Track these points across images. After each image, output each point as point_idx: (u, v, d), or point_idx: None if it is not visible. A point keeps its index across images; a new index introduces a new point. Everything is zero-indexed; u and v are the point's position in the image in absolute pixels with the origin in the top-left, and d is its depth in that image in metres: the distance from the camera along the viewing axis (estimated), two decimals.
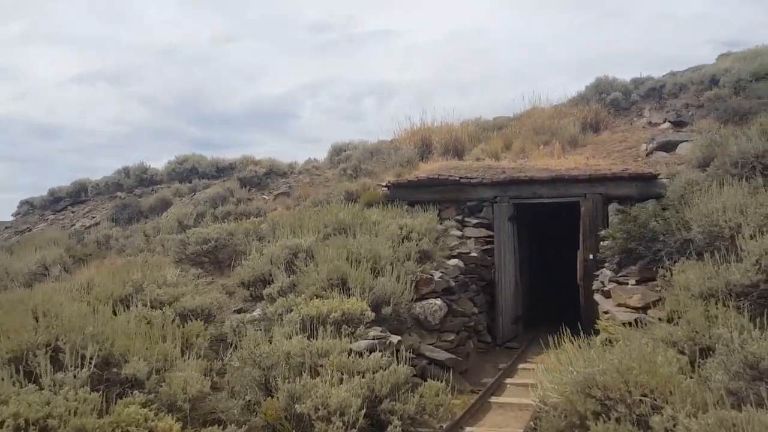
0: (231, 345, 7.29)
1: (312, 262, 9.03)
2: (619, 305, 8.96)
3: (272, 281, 9.03)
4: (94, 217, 19.63)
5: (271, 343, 6.82)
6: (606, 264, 10.36)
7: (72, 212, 21.18)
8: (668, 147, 13.24)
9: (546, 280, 16.12)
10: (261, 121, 45.62)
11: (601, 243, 11.04)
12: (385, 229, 10.35)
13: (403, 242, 10.11)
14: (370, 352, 6.95)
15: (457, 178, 12.46)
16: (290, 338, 6.87)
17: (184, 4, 46.48)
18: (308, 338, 6.92)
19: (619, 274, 9.30)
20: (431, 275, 9.63)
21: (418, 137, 16.07)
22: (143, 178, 20.92)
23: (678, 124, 14.83)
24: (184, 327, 7.28)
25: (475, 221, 12.28)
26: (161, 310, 7.57)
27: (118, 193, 20.58)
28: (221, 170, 19.64)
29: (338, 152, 19.62)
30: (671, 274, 7.96)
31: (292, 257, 9.22)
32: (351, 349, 6.78)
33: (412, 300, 8.82)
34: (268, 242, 10.44)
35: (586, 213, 11.61)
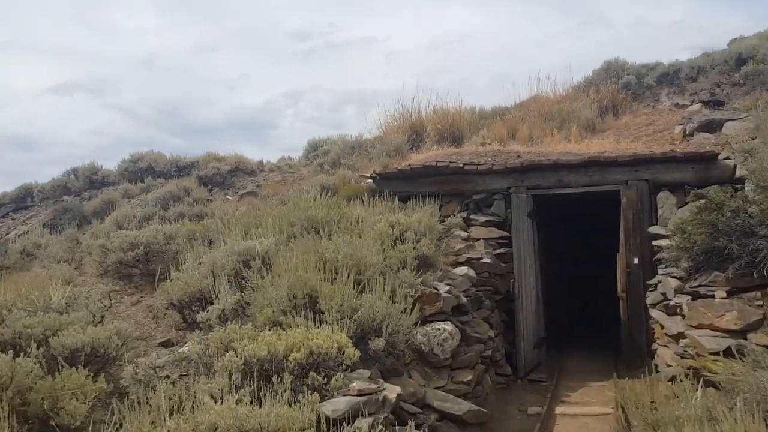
0: (131, 406, 4.42)
1: (269, 272, 6.20)
2: (701, 326, 6.22)
3: (214, 300, 6.18)
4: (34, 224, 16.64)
5: (189, 410, 3.98)
6: (665, 269, 7.63)
7: (12, 219, 18.10)
8: (712, 127, 10.63)
9: (571, 290, 13.49)
10: (242, 131, 42.75)
11: (654, 243, 8.34)
12: (371, 227, 7.56)
13: (395, 244, 7.32)
14: (353, 419, 4.15)
15: (461, 165, 9.71)
16: (219, 400, 4.03)
17: (164, 13, 43.54)
18: (251, 400, 4.10)
19: (695, 284, 6.58)
20: (436, 289, 6.84)
21: (407, 125, 13.31)
22: (94, 180, 17.85)
23: (713, 104, 12.26)
24: (54, 378, 4.44)
25: (483, 219, 9.53)
26: (25, 351, 4.69)
27: (65, 197, 17.57)
28: (181, 169, 16.69)
29: (314, 148, 16.96)
30: None
31: (241, 266, 6.37)
32: (321, 417, 3.97)
33: (414, 324, 6.01)
34: (218, 247, 7.57)
35: (628, 204, 8.90)
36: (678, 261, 7.14)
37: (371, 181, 10.53)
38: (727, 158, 8.61)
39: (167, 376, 5.08)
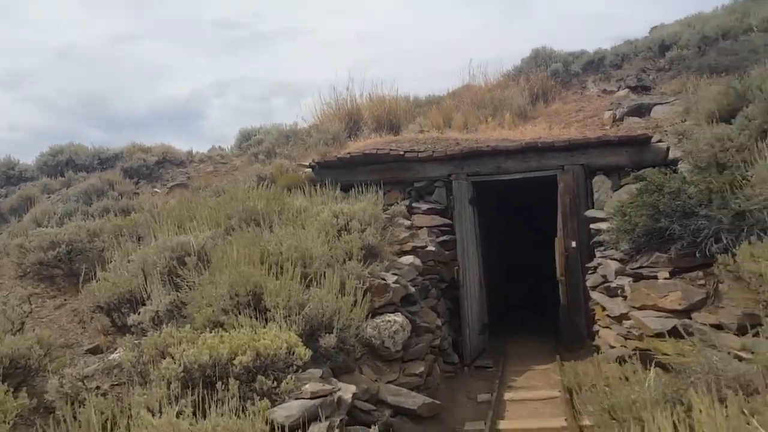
0: (58, 424, 3.93)
1: (207, 269, 5.76)
2: (645, 307, 6.29)
3: (146, 301, 5.68)
4: None
5: (123, 427, 3.56)
6: (604, 252, 7.72)
7: None
8: (641, 111, 10.89)
9: (514, 276, 13.62)
10: (168, 122, 40.78)
11: (592, 226, 8.43)
12: (314, 217, 7.21)
13: (341, 235, 7.02)
14: (308, 425, 3.85)
15: (401, 153, 9.49)
16: (158, 414, 3.63)
17: (84, 2, 40.77)
18: (194, 412, 3.71)
19: (637, 265, 6.64)
20: (384, 280, 6.59)
21: (343, 112, 12.96)
22: (10, 176, 16.43)
23: (641, 89, 12.60)
24: None
25: (426, 206, 9.37)
26: None
27: None
28: (104, 161, 15.61)
29: (247, 137, 16.34)
30: (733, 260, 5.39)
31: (175, 263, 5.90)
32: (274, 425, 3.65)
33: (365, 317, 5.73)
34: (149, 243, 7.02)
35: (565, 189, 8.95)
36: (618, 243, 7.21)
37: (310, 170, 10.15)
38: (660, 141, 8.80)
39: (97, 387, 4.60)
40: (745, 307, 5.15)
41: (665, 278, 6.16)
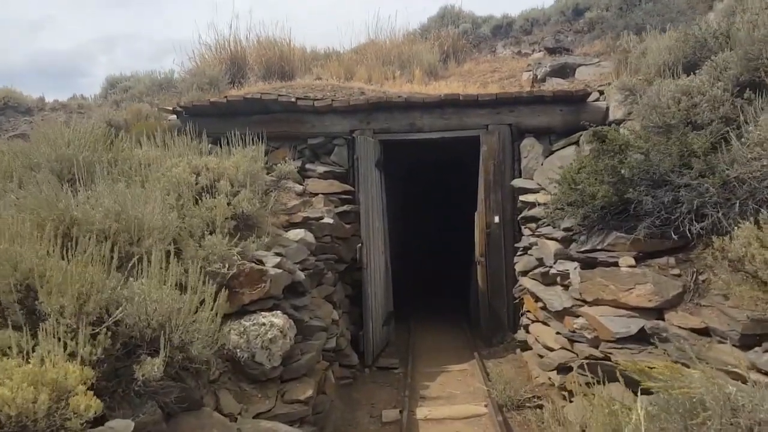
0: None
1: None
2: (600, 302, 4.76)
3: None
4: None
5: None
6: (539, 230, 6.17)
7: None
8: (565, 72, 9.52)
9: (426, 254, 12.03)
10: (47, 78, 35.20)
11: (521, 198, 6.88)
12: (164, 173, 5.01)
13: (201, 198, 4.89)
14: None
15: (293, 100, 7.39)
16: None
17: None
18: None
19: (587, 248, 5.10)
20: (261, 263, 4.59)
21: (225, 55, 10.55)
22: None
23: (559, 51, 11.28)
24: None
25: (322, 169, 7.39)
26: None
27: None
28: None
29: (114, 85, 13.55)
30: (729, 240, 3.97)
31: None
32: None
33: (227, 318, 3.71)
34: None
35: (489, 154, 7.32)
36: (559, 220, 5.66)
37: (175, 117, 7.80)
38: (596, 100, 7.38)
39: None
40: (754, 310, 3.70)
41: (629, 266, 4.64)
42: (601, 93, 7.57)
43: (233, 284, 4.21)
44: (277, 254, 5.04)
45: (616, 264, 4.75)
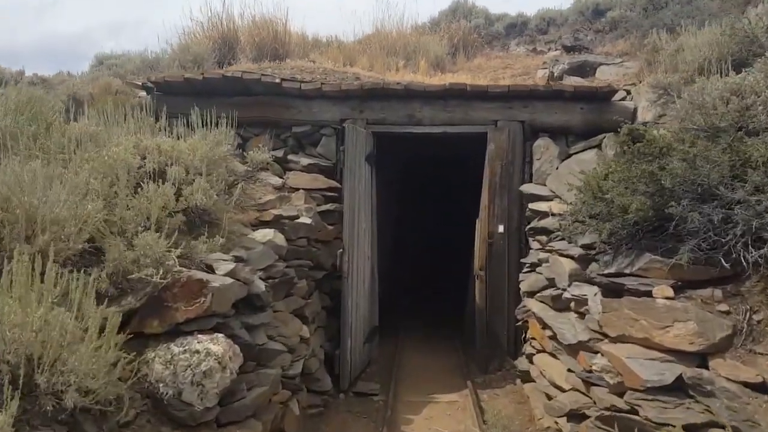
0: None
1: None
2: (626, 339, 3.82)
3: None
4: None
5: None
6: (551, 244, 5.24)
7: None
8: (585, 70, 8.58)
9: (407, 258, 11.14)
10: (54, 62, 34.22)
11: (531, 206, 5.96)
12: (99, 153, 4.09)
13: (144, 184, 3.97)
14: None
15: (277, 81, 6.47)
16: None
17: None
18: None
19: (612, 270, 4.16)
20: (208, 270, 3.67)
21: (216, 34, 9.63)
22: None
23: (575, 49, 10.33)
24: None
25: (307, 161, 6.48)
26: None
27: None
28: None
29: (101, 62, 12.71)
30: None
31: None
32: None
33: (157, 338, 2.79)
34: None
35: (496, 154, 6.38)
36: (574, 234, 4.73)
37: (145, 93, 6.89)
38: (623, 99, 6.45)
39: None
40: None
41: (667, 297, 3.71)
42: (628, 93, 6.64)
43: (165, 297, 3.29)
44: (236, 259, 4.12)
45: (648, 294, 3.81)
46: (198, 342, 3.17)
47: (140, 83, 6.96)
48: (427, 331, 8.13)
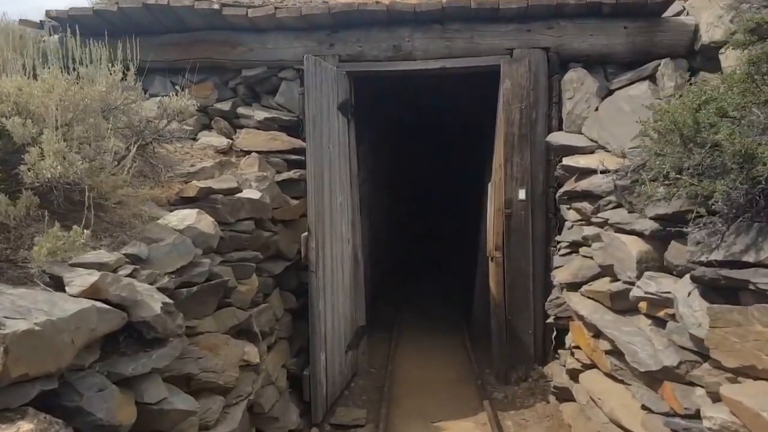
0: None
1: None
2: (753, 373, 2.21)
3: None
4: None
5: None
6: (603, 214, 3.64)
7: None
8: None
9: (402, 235, 9.62)
10: None
11: (566, 162, 4.35)
12: None
13: None
14: None
15: (216, 6, 4.75)
16: None
17: None
18: None
19: (720, 257, 2.56)
20: (60, 284, 2.08)
21: None
22: None
23: None
24: None
25: (263, 115, 4.86)
26: None
27: None
28: None
29: None
30: None
31: None
32: None
33: None
34: None
35: (513, 93, 4.72)
36: (643, 200, 3.12)
37: (51, 27, 5.17)
38: (678, 14, 4.75)
39: None
40: None
41: None
42: (683, 7, 4.93)
43: None
44: (131, 259, 2.55)
45: None
46: None
47: (37, 21, 5.25)
48: (428, 323, 6.57)
